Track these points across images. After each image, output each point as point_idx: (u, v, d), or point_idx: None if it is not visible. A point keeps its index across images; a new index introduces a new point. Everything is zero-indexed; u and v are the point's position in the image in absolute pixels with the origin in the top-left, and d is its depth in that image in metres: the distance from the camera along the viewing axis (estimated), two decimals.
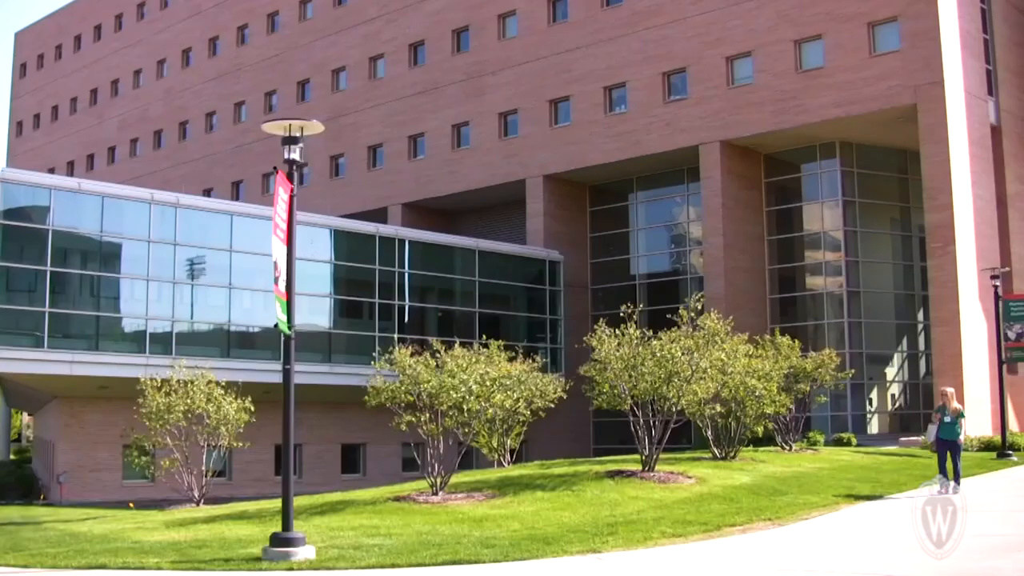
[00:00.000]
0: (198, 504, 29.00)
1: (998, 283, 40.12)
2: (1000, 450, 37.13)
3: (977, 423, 45.40)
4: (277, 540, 16.53)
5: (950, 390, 25.75)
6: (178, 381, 29.74)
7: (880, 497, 24.11)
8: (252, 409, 29.97)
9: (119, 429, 37.69)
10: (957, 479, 24.36)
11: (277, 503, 20.82)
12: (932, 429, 25.43)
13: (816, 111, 50.53)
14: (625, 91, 57.44)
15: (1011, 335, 42.88)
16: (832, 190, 54.48)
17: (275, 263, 17.25)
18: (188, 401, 29.16)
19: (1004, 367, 41.21)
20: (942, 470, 24.83)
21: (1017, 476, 30.22)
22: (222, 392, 29.94)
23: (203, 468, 29.96)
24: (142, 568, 16.19)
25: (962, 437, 25.11)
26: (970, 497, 22.33)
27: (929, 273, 48.65)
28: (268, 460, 46.62)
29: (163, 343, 43.19)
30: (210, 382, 30.05)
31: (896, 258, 56.60)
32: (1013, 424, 45.94)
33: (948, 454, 24.92)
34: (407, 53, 67.46)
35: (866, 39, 49.37)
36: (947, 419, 24.98)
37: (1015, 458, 35.71)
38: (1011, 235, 52.32)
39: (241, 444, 30.43)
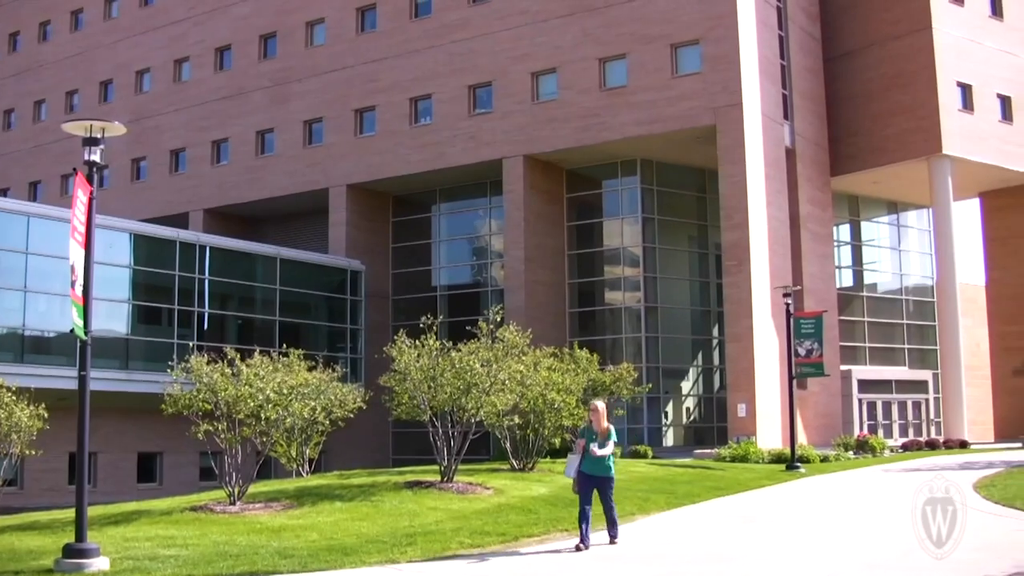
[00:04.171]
0: None
1: (790, 301, 41.20)
2: (789, 462, 38.21)
3: (769, 436, 46.80)
4: (70, 551, 16.20)
5: (600, 405, 18.92)
6: None
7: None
8: (46, 416, 29.16)
9: None
10: (614, 526, 18.66)
11: (70, 513, 20.36)
12: (574, 460, 18.65)
13: (618, 128, 51.45)
14: (431, 103, 57.68)
15: (801, 351, 44.12)
16: (632, 207, 55.50)
17: (72, 267, 16.93)
18: None
19: (795, 382, 42.33)
20: (584, 519, 18.11)
21: (797, 489, 31.11)
22: (14, 398, 29.12)
23: None
24: None
25: (613, 468, 18.83)
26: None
27: (724, 290, 49.95)
28: (62, 469, 45.39)
29: None
30: (1, 388, 29.23)
31: (693, 275, 57.96)
32: (802, 437, 47.34)
33: (595, 492, 18.46)
34: (213, 57, 66.67)
35: (668, 60, 50.51)
36: (594, 445, 18.21)
37: (803, 470, 36.86)
38: (803, 255, 54.03)
39: (33, 452, 29.60)
